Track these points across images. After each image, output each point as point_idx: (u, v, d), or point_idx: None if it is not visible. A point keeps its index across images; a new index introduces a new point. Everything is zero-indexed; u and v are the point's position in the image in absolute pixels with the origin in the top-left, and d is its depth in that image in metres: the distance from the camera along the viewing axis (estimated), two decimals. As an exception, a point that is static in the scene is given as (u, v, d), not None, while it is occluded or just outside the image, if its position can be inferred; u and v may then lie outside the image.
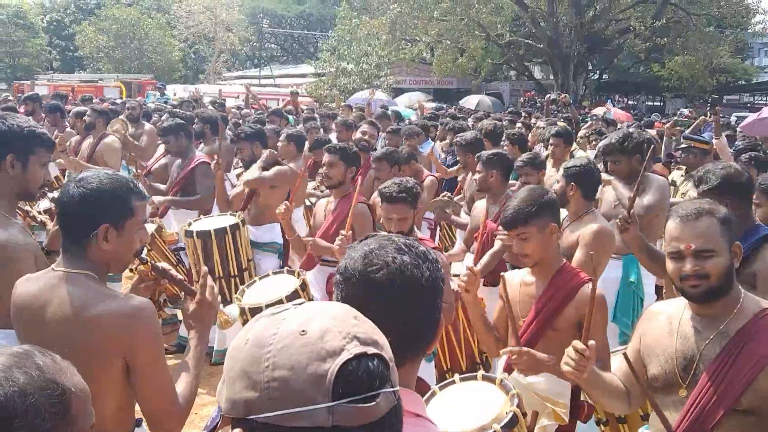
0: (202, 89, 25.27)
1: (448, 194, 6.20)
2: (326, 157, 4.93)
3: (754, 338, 2.23)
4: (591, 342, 2.43)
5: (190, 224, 5.32)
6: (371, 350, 0.98)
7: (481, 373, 2.94)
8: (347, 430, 0.93)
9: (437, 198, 6.07)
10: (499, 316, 3.38)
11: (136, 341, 2.17)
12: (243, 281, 5.10)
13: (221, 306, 2.63)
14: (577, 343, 2.43)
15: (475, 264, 4.85)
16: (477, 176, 5.20)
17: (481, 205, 5.24)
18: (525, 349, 2.90)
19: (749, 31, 37.43)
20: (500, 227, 3.23)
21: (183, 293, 2.56)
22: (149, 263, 2.57)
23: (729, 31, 35.71)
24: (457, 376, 2.95)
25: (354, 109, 13.93)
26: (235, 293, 4.58)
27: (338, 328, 1.00)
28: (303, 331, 0.99)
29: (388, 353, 1.02)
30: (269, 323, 1.03)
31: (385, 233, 1.54)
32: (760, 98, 42.25)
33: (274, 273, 4.76)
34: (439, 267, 1.47)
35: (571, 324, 3.07)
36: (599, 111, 14.15)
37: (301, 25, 55.25)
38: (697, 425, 2.26)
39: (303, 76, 38.63)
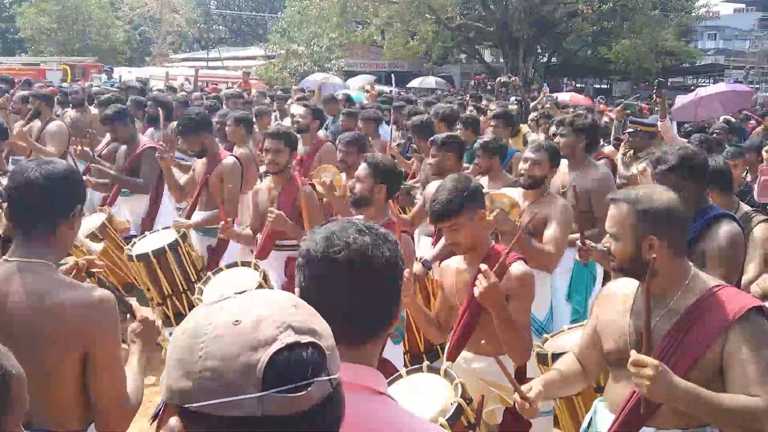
0: (149, 72, 24.72)
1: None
2: (271, 143, 4.85)
3: (702, 315, 2.30)
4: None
5: (130, 248, 5.17)
6: (306, 339, 0.99)
7: (426, 364, 3.00)
8: (279, 419, 0.94)
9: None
10: (440, 306, 3.45)
11: (98, 332, 2.15)
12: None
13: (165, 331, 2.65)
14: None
15: (434, 246, 4.92)
16: (432, 160, 5.24)
17: (434, 187, 5.27)
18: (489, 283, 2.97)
19: (693, 14, 38.21)
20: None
21: (127, 313, 2.55)
22: (96, 277, 2.57)
23: (673, 15, 36.41)
24: (403, 370, 3.01)
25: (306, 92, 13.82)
26: (195, 295, 4.51)
27: (273, 317, 1.00)
28: (237, 321, 0.99)
29: (326, 341, 1.02)
30: (208, 312, 1.03)
31: (348, 218, 1.56)
32: (703, 81, 43.26)
33: (228, 267, 4.71)
34: (399, 248, 1.50)
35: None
36: (564, 96, 14.30)
37: (250, 7, 54.39)
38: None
39: (252, 58, 38.04)
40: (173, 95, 11.32)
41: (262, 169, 6.75)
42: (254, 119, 9.27)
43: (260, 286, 4.23)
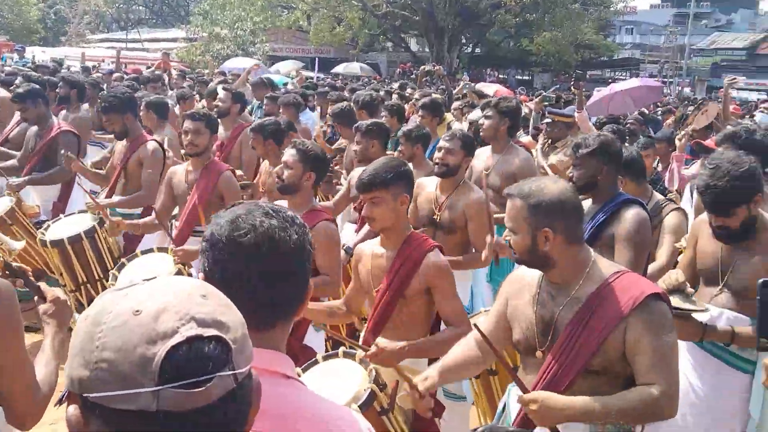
0: (64, 52, 23.69)
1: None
2: (191, 124, 4.73)
3: (603, 302, 2.35)
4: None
5: (44, 232, 4.95)
6: (209, 332, 0.95)
7: (342, 350, 3.00)
8: (176, 415, 0.91)
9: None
10: (352, 288, 3.47)
11: None
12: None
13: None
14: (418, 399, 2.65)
15: (357, 232, 4.91)
16: (356, 146, 5.23)
17: (357, 174, 5.27)
18: (381, 346, 2.98)
19: (611, 9, 39.46)
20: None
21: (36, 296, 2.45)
22: (2, 261, 2.45)
23: (593, 9, 37.52)
24: (319, 356, 2.99)
25: (229, 76, 13.55)
26: (110, 282, 4.37)
27: (177, 308, 0.97)
28: (137, 311, 0.96)
29: (235, 334, 0.99)
30: (112, 299, 0.99)
31: (254, 201, 1.53)
32: (620, 74, 44.77)
33: (143, 253, 4.58)
34: (307, 232, 1.48)
35: (419, 291, 3.18)
36: (486, 88, 14.50)
37: (172, -12, 52.98)
38: (552, 385, 2.38)
39: (174, 40, 37.07)
40: (86, 76, 10.89)
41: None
42: (177, 103, 9.05)
43: (179, 273, 4.12)
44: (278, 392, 1.29)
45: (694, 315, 3.03)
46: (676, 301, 2.88)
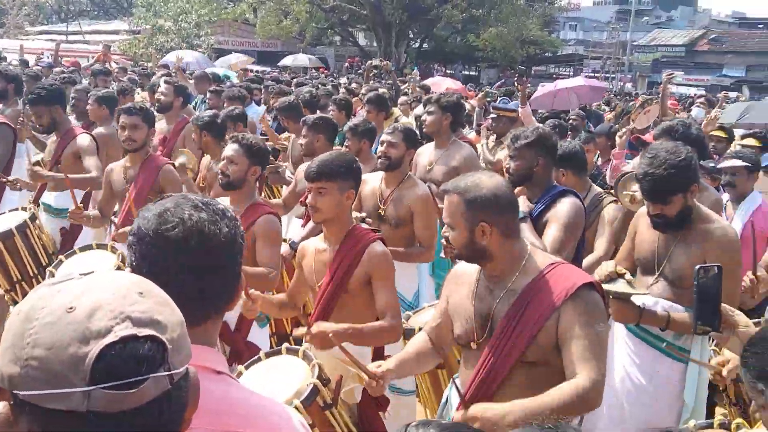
0: (1, 45, 22.89)
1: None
2: (127, 119, 4.64)
3: (538, 294, 2.39)
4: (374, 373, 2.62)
5: None
6: (144, 332, 0.94)
7: (285, 346, 2.99)
8: (108, 415, 0.90)
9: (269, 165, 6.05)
10: (296, 284, 3.46)
11: None
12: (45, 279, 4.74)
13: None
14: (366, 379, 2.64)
15: (304, 226, 4.88)
16: (302, 140, 5.20)
17: (304, 168, 5.23)
18: (316, 329, 2.99)
19: (555, 5, 40.13)
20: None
21: None
22: None
23: (537, 5, 38.08)
24: (262, 353, 2.99)
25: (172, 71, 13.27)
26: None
27: (111, 306, 0.95)
28: (71, 307, 0.93)
29: (172, 333, 0.97)
30: (45, 294, 0.97)
31: (183, 193, 1.49)
32: (564, 70, 45.55)
33: (81, 249, 4.47)
34: (239, 225, 1.46)
35: (362, 284, 3.19)
36: (429, 81, 14.60)
37: (113, -21, 51.66)
38: (489, 377, 2.42)
39: (116, 32, 36.16)
40: (24, 69, 10.56)
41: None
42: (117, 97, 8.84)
43: (119, 270, 4.03)
44: (209, 388, 1.27)
45: (634, 298, 3.12)
46: (617, 286, 2.97)
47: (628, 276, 3.04)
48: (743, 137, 6.31)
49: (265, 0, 32.74)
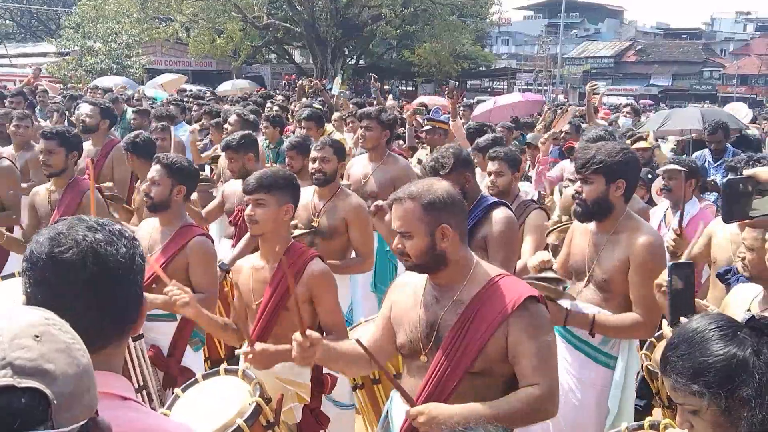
0: None
1: (206, 176, 6.12)
2: (44, 144, 4.51)
3: (485, 304, 2.37)
4: (310, 332, 2.47)
5: None
6: (25, 383, 0.86)
7: (223, 366, 2.94)
8: None
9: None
10: (238, 307, 3.39)
11: None
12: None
13: None
14: (297, 336, 2.45)
15: (234, 247, 4.80)
16: (231, 165, 5.09)
17: (232, 187, 5.16)
18: (257, 347, 2.91)
19: (487, 20, 40.90)
20: None
21: None
22: None
23: (470, 21, 38.74)
24: (199, 374, 2.93)
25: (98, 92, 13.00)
26: None
27: None
28: None
29: (61, 387, 0.89)
30: None
31: (79, 215, 1.43)
32: (498, 83, 46.45)
33: (4, 279, 4.28)
34: (138, 245, 1.41)
35: (302, 302, 3.11)
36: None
37: (40, 0, 50.33)
38: (438, 388, 2.39)
39: (44, 55, 35.26)
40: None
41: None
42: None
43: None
44: (116, 415, 1.21)
45: (561, 301, 3.17)
46: (547, 273, 3.05)
47: (554, 267, 3.12)
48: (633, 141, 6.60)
49: (197, 19, 32.35)
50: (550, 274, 3.07)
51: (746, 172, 1.63)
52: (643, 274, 3.13)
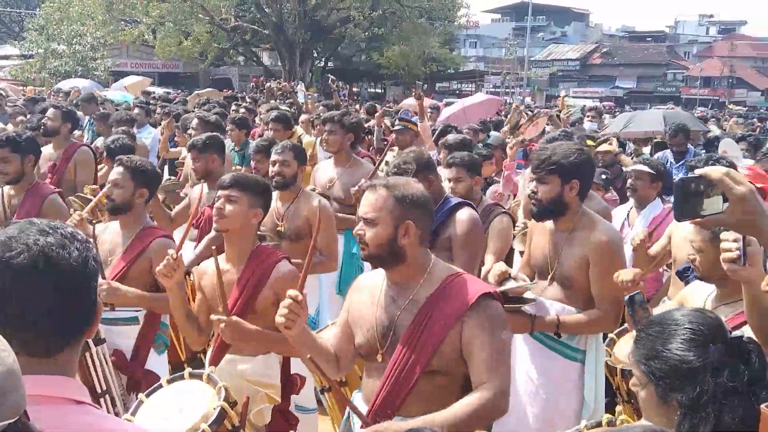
0: None
1: (173, 178, 6.05)
2: None
3: (441, 303, 2.39)
4: (305, 291, 2.50)
5: None
6: None
7: (188, 371, 2.91)
8: None
9: (165, 183, 5.91)
10: (199, 307, 3.36)
11: None
12: None
13: None
14: (291, 291, 2.46)
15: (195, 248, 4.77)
16: (195, 165, 5.07)
17: (198, 190, 5.11)
18: (233, 318, 2.95)
19: (456, 23, 41.10)
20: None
21: None
22: None
23: (438, 23, 38.90)
24: (163, 379, 2.89)
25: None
26: None
27: None
28: None
29: None
30: None
31: (29, 219, 1.42)
32: (466, 85, 46.75)
33: None
34: (91, 247, 1.40)
35: (269, 304, 3.13)
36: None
37: (3, 2, 49.44)
38: (396, 388, 2.40)
39: (6, 57, 34.69)
40: None
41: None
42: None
43: None
44: (71, 420, 1.20)
45: (524, 307, 3.21)
46: (508, 284, 3.09)
47: (514, 274, 3.18)
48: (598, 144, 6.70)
49: (164, 21, 32.02)
50: (511, 284, 3.11)
51: (697, 171, 1.67)
52: (601, 270, 3.21)
